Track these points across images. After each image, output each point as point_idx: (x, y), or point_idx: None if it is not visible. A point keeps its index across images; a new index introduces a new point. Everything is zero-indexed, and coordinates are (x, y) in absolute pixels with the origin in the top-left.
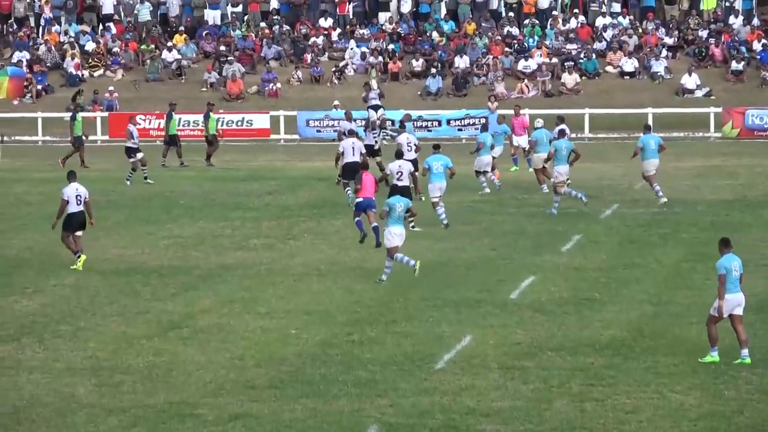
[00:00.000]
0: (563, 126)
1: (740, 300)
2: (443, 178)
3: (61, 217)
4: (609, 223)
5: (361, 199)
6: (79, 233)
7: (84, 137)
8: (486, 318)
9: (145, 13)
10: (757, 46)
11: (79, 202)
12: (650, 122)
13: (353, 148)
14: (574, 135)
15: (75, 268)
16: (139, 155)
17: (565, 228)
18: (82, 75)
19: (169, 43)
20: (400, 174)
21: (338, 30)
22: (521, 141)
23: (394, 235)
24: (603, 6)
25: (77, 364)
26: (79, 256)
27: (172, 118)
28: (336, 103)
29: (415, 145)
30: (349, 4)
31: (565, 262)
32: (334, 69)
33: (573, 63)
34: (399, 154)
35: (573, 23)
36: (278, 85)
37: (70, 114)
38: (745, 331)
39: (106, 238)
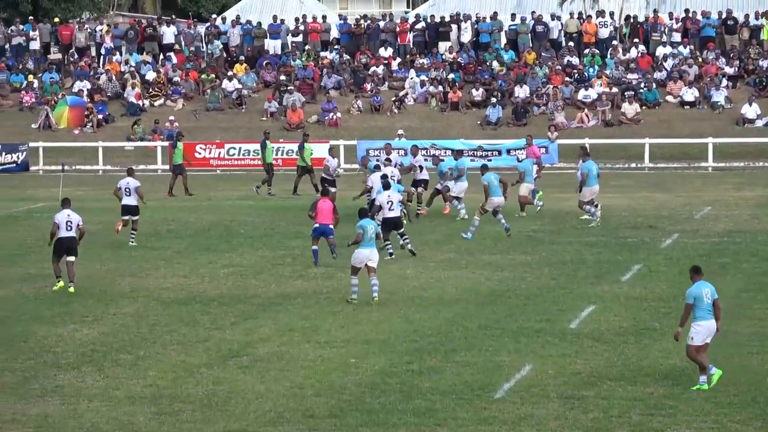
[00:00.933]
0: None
1: (712, 327)
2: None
3: (52, 241)
4: (669, 253)
5: (317, 225)
6: (70, 258)
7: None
8: (545, 347)
9: (215, 47)
10: None
11: (69, 228)
12: (710, 152)
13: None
14: (634, 165)
15: (55, 290)
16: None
17: (625, 258)
18: (143, 104)
19: (230, 73)
20: (390, 204)
21: (398, 59)
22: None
23: (363, 256)
24: (663, 36)
25: (137, 393)
26: (59, 281)
27: (267, 147)
28: (400, 132)
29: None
30: (410, 33)
31: (625, 292)
32: (393, 98)
33: (633, 92)
34: (387, 186)
35: (633, 53)
36: (338, 114)
37: (170, 143)
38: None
39: (166, 267)
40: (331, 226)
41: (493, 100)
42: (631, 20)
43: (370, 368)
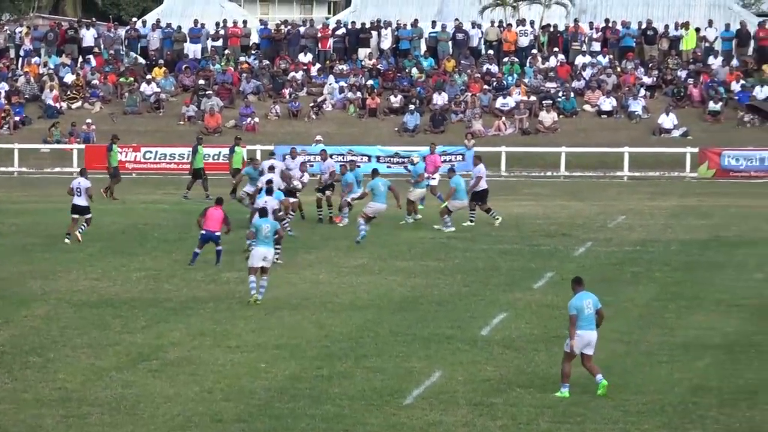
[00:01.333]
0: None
1: (592, 338)
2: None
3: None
4: (582, 261)
5: (204, 232)
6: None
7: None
8: (456, 354)
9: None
10: (735, 86)
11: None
12: (626, 161)
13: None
14: (550, 173)
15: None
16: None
17: (537, 265)
18: (61, 107)
19: (149, 76)
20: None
21: (317, 65)
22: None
23: (258, 256)
24: (583, 45)
25: (45, 396)
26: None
27: (198, 152)
28: (318, 137)
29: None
30: (330, 39)
31: (537, 300)
32: (312, 104)
33: (551, 101)
34: (269, 191)
35: (552, 62)
36: (256, 119)
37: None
38: (594, 366)
39: (78, 270)
40: (218, 234)
41: (412, 107)
42: (551, 29)
43: (280, 373)
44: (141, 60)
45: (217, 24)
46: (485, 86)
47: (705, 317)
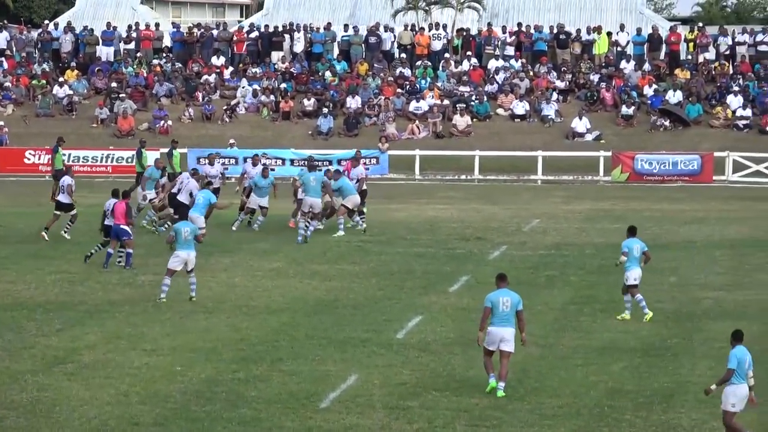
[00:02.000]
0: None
1: (504, 335)
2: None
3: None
4: (497, 265)
5: (112, 225)
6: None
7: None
8: (372, 357)
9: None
10: (648, 91)
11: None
12: (540, 165)
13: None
14: (464, 176)
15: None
16: None
17: (453, 269)
18: None
19: (61, 79)
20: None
21: (230, 68)
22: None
23: (178, 258)
24: (496, 49)
25: None
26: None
27: (142, 155)
28: (232, 141)
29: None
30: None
31: (453, 303)
32: (225, 107)
33: (464, 105)
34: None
35: (465, 65)
36: (169, 122)
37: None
38: (508, 369)
39: None
40: (124, 227)
41: (325, 110)
42: (464, 33)
43: (196, 376)
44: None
45: (130, 27)
46: (399, 90)
47: (620, 321)
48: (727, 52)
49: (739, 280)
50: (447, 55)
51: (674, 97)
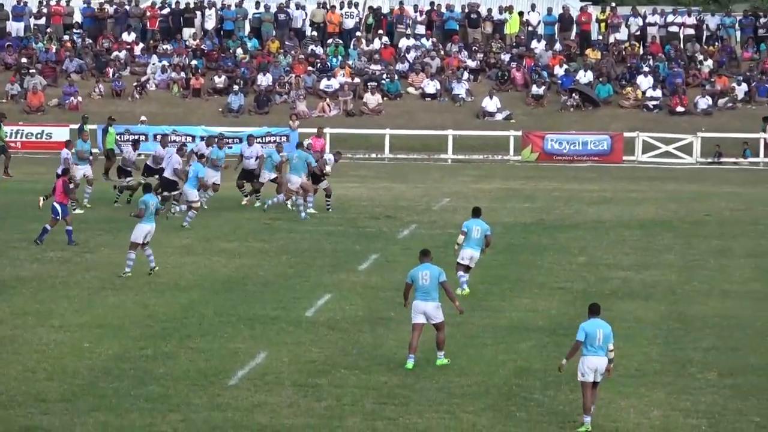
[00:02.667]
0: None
1: (426, 308)
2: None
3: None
4: (406, 243)
5: (56, 204)
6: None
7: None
8: (281, 335)
9: None
10: (558, 70)
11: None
12: (450, 144)
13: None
14: (374, 155)
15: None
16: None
17: (362, 247)
18: None
19: None
20: None
21: (141, 45)
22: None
23: (142, 232)
24: (408, 28)
25: None
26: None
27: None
28: (143, 118)
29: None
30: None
31: (362, 281)
32: (135, 84)
33: (375, 83)
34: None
35: (377, 44)
36: (79, 98)
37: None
38: (444, 339)
39: None
40: (57, 205)
41: (236, 87)
42: (376, 11)
43: (104, 353)
44: None
45: (40, 2)
46: (309, 68)
47: (529, 300)
48: (638, 33)
49: (647, 260)
50: (358, 33)
51: (585, 77)
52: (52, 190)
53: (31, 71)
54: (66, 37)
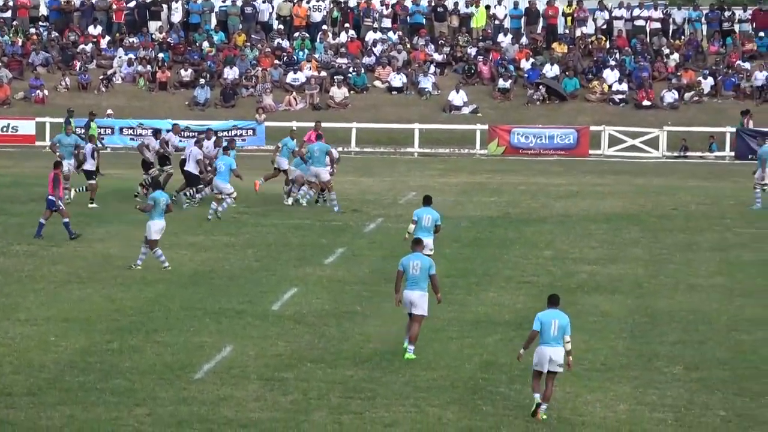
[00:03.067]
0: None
1: (412, 297)
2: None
3: None
4: (373, 237)
5: (47, 197)
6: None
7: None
8: (247, 329)
9: None
10: (525, 64)
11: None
12: (416, 138)
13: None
14: (341, 148)
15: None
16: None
17: (328, 241)
18: None
19: None
20: None
21: (107, 38)
22: None
23: (157, 228)
24: (374, 21)
25: None
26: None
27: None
28: (109, 111)
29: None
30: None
31: (328, 275)
32: (101, 77)
33: (342, 77)
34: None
35: (343, 37)
36: (45, 91)
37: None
38: (418, 334)
39: None
40: (51, 198)
41: (202, 81)
42: (343, 5)
43: (70, 347)
44: None
45: None
46: (276, 61)
47: (495, 294)
48: (605, 27)
49: (613, 254)
50: (325, 26)
51: (551, 71)
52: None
53: None
54: (32, 30)
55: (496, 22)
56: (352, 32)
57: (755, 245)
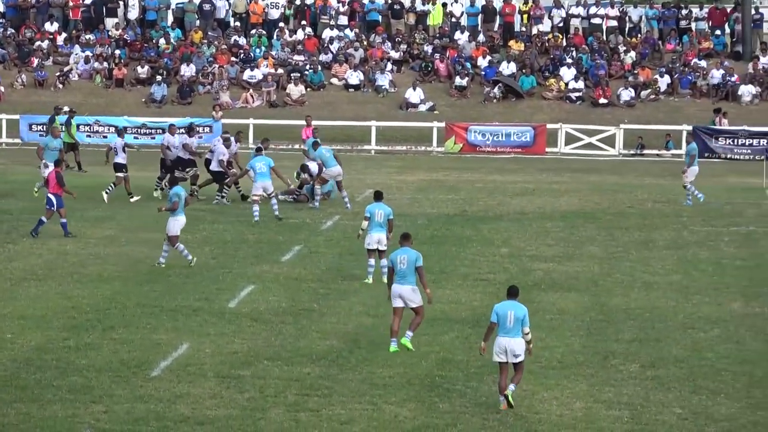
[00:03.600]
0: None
1: (402, 291)
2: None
3: None
4: (330, 235)
5: (47, 195)
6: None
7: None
8: (203, 326)
9: None
10: (482, 62)
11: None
12: (373, 135)
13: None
14: (297, 146)
15: None
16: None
17: (285, 238)
18: None
19: None
20: None
21: (64, 35)
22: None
23: (179, 224)
24: (331, 19)
25: None
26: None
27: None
28: (66, 108)
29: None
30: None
31: (285, 272)
32: (58, 73)
33: (299, 74)
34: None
35: (300, 35)
36: (1, 88)
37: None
38: (419, 323)
39: None
40: (51, 196)
41: (159, 78)
42: (299, 2)
43: (26, 344)
44: None
45: None
46: (233, 58)
47: (451, 291)
48: (561, 25)
49: (569, 251)
50: (282, 24)
51: (508, 68)
52: (44, 181)
53: None
54: None
55: (453, 19)
56: (309, 29)
57: (711, 243)
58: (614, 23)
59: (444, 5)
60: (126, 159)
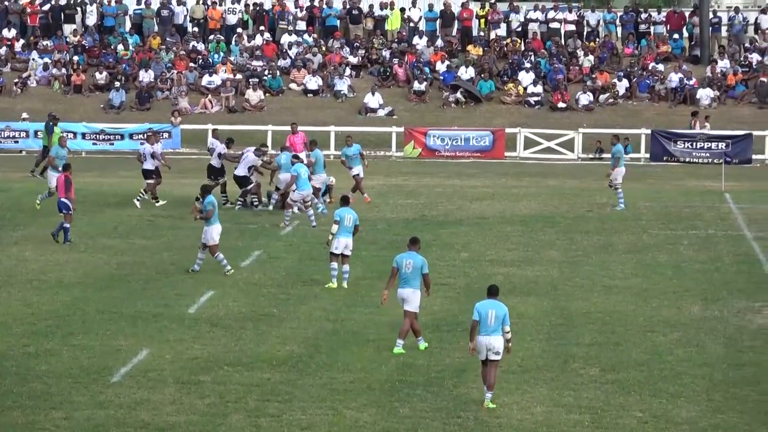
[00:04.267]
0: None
1: (404, 294)
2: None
3: None
4: (290, 240)
5: (59, 199)
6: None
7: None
8: (163, 332)
9: None
10: (440, 67)
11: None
12: (332, 140)
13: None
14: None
15: None
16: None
17: (245, 243)
18: None
19: None
20: None
21: (22, 41)
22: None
23: (217, 231)
24: (289, 24)
25: None
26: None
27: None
28: (25, 115)
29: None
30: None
31: (245, 278)
32: (16, 80)
33: (257, 80)
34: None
35: (258, 40)
36: None
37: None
38: (418, 328)
39: None
40: (64, 200)
41: (117, 84)
42: (257, 8)
43: None
44: None
45: None
46: (191, 64)
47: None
48: (519, 29)
49: (529, 256)
50: (240, 29)
51: (466, 73)
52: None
53: None
54: None
55: (411, 24)
56: (267, 35)
57: (670, 247)
58: (572, 27)
59: (402, 10)
60: (154, 165)
